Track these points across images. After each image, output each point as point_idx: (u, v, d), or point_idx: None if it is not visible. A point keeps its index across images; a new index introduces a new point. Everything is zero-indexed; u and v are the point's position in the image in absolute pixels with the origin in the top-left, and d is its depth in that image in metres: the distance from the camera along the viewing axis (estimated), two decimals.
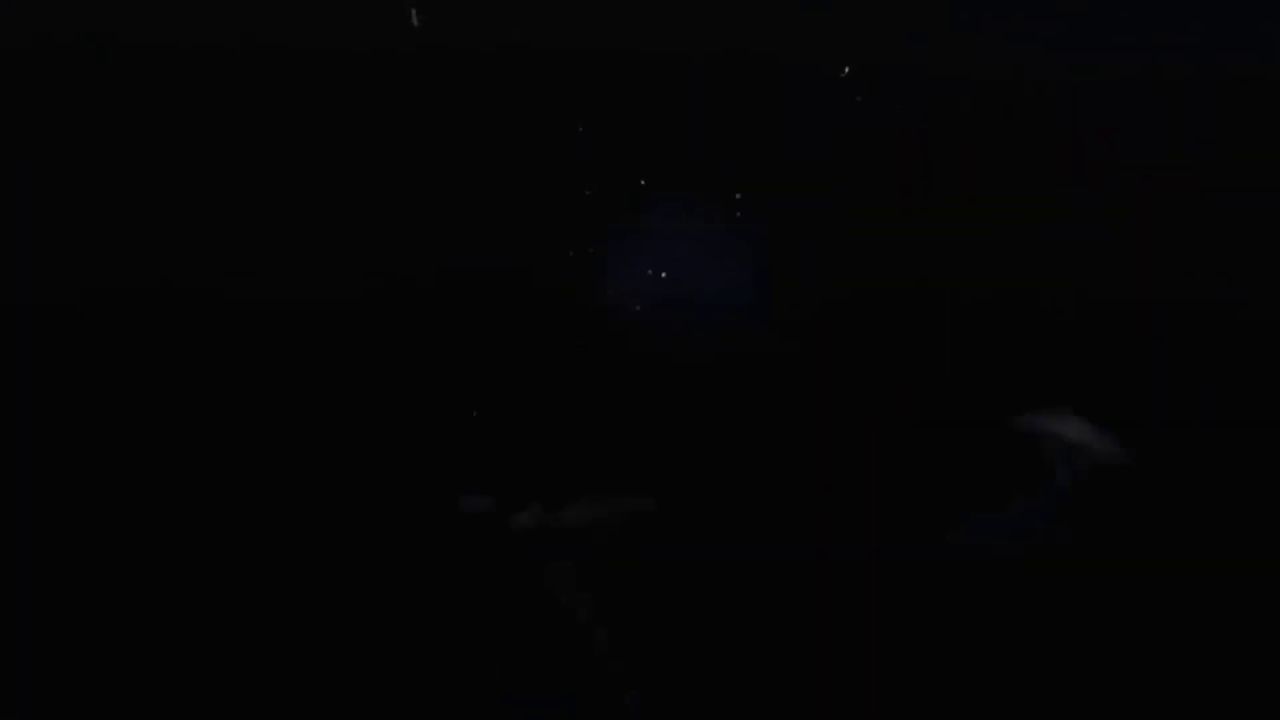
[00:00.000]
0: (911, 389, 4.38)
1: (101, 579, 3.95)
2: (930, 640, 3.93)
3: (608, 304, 4.54)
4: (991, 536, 3.64)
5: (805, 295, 4.58)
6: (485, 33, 5.21)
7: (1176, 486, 4.21)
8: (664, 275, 4.59)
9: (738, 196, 4.24)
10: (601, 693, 3.80)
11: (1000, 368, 4.44)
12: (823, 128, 4.98)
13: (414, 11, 4.73)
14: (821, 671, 3.86)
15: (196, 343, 4.43)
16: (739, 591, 4.02)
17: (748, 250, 4.68)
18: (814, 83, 5.08)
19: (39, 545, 4.00)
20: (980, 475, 4.13)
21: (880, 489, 4.18)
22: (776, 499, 4.15)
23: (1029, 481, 4.09)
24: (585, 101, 5.05)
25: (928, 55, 5.13)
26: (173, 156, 4.86)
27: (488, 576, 3.89)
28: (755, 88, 5.06)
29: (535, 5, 5.28)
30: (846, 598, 3.99)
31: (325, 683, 3.81)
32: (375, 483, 4.16)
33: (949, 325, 4.53)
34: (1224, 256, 4.69)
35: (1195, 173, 4.88)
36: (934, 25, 5.24)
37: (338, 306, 4.52)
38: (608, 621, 3.77)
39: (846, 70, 3.67)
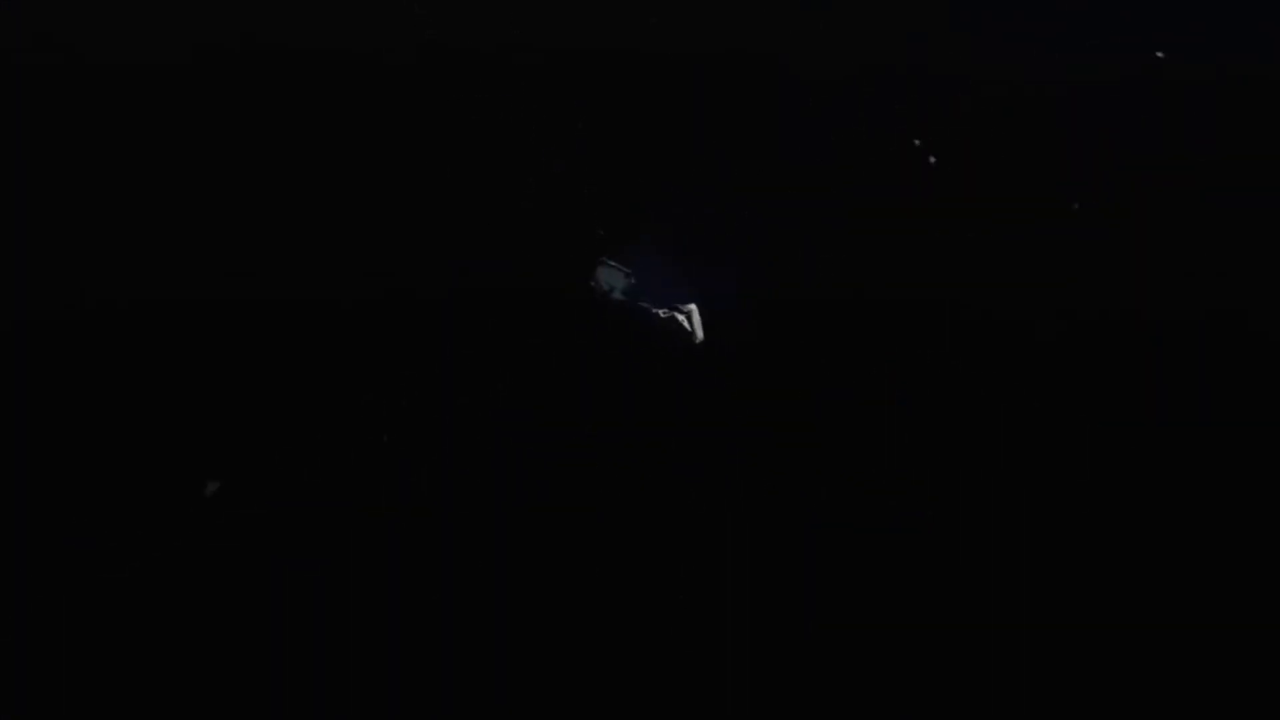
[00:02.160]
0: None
1: (102, 580, 3.95)
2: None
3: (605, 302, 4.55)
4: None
5: (805, 294, 4.58)
6: (485, 33, 5.21)
7: (1174, 485, 4.21)
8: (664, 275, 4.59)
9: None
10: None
11: (999, 365, 4.44)
12: (823, 128, 4.99)
13: (415, 3, 4.74)
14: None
15: (196, 342, 4.43)
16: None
17: (747, 249, 4.68)
18: (814, 83, 5.08)
19: (38, 545, 4.01)
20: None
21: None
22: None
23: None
24: (585, 101, 5.05)
25: (928, 55, 5.14)
26: (175, 158, 4.86)
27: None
28: (755, 88, 5.06)
29: (535, 5, 5.29)
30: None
31: (325, 683, 3.82)
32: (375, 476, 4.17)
33: (948, 323, 4.53)
34: (1223, 255, 4.69)
35: (1195, 173, 4.88)
36: (934, 25, 5.25)
37: (336, 307, 4.52)
38: None
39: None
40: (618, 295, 4.45)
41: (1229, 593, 4.00)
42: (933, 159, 4.67)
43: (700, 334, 4.19)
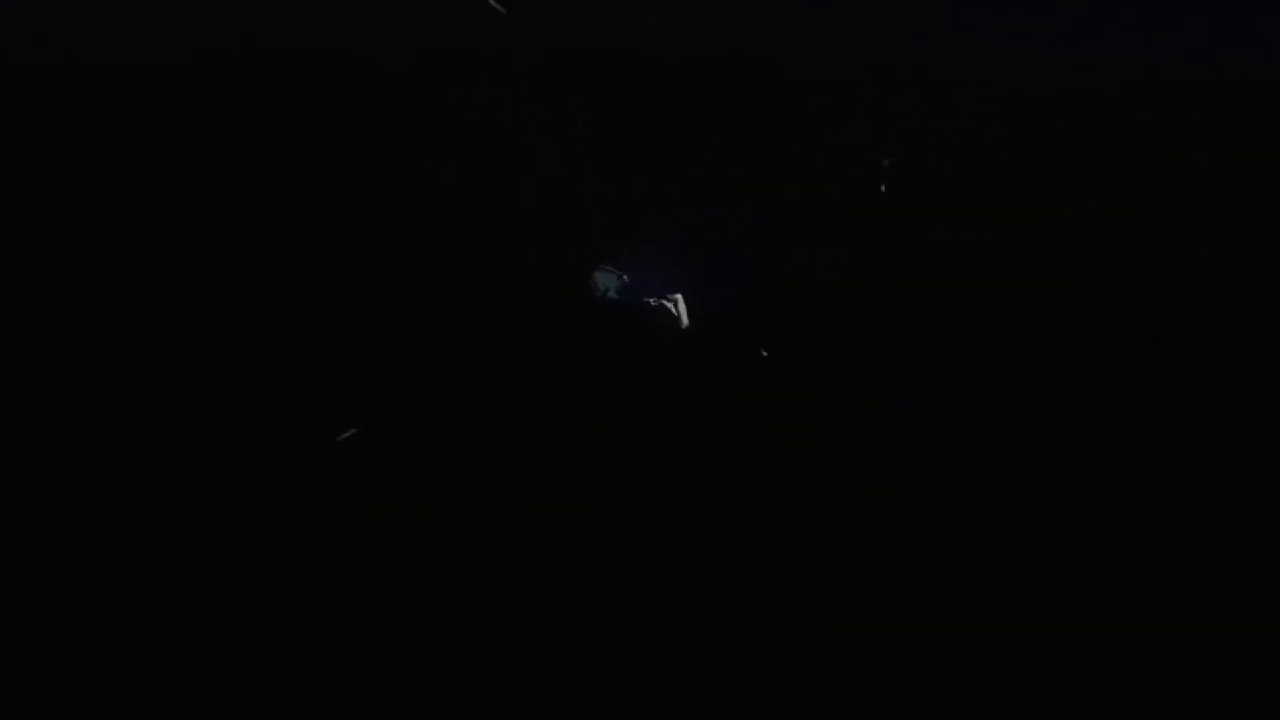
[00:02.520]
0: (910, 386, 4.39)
1: (102, 580, 3.96)
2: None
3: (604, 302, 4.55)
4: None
5: (805, 294, 4.59)
6: (485, 33, 5.22)
7: (1175, 485, 4.21)
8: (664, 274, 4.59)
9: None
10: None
11: (999, 365, 4.44)
12: (823, 128, 4.99)
13: (415, 3, 4.74)
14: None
15: (196, 342, 4.43)
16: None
17: (747, 249, 4.69)
18: (814, 83, 5.08)
19: (38, 545, 4.01)
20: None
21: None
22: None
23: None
24: (585, 101, 5.05)
25: (928, 55, 5.14)
26: (175, 158, 4.87)
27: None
28: (755, 88, 5.07)
29: (535, 5, 5.29)
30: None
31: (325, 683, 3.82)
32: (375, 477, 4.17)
33: (948, 323, 4.54)
34: (1223, 255, 4.69)
35: (1195, 173, 4.88)
36: (934, 25, 5.25)
37: (336, 307, 4.52)
38: None
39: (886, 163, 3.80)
40: (613, 295, 4.49)
41: (1229, 593, 4.00)
42: (886, 163, 4.69)
43: (686, 320, 4.24)
